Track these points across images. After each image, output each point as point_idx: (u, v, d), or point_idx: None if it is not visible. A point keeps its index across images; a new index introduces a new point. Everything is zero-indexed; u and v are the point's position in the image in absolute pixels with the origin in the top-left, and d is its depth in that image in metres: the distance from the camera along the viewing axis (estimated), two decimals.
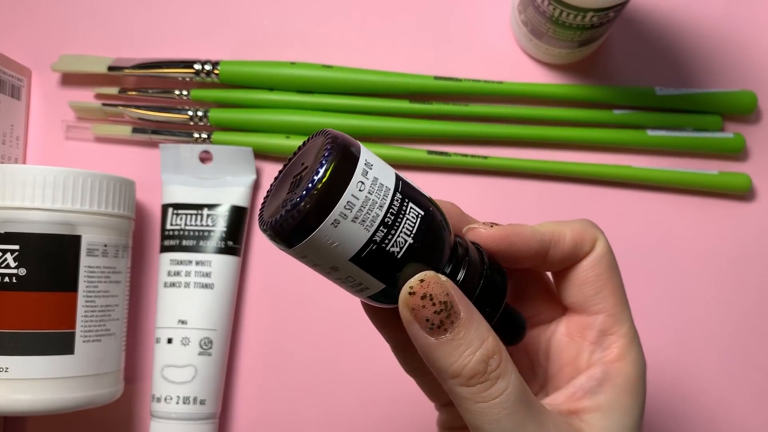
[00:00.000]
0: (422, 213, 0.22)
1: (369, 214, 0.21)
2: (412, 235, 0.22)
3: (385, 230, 0.21)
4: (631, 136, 0.42)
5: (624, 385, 0.26)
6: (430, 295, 0.22)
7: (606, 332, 0.27)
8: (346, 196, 0.21)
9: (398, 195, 0.22)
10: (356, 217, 0.21)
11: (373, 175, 0.21)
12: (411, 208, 0.22)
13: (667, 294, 0.42)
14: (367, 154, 0.22)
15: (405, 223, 0.22)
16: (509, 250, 0.26)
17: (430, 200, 0.24)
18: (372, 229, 0.21)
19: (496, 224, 0.26)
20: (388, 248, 0.22)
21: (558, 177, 0.43)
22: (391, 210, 0.22)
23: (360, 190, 0.21)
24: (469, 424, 0.23)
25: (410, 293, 0.22)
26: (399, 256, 0.22)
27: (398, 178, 0.23)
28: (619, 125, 0.42)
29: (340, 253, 0.21)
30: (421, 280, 0.22)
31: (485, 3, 0.44)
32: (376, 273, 0.22)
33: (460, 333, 0.22)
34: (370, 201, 0.21)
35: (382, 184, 0.22)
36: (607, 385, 0.26)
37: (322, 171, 0.21)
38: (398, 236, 0.22)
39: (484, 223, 0.26)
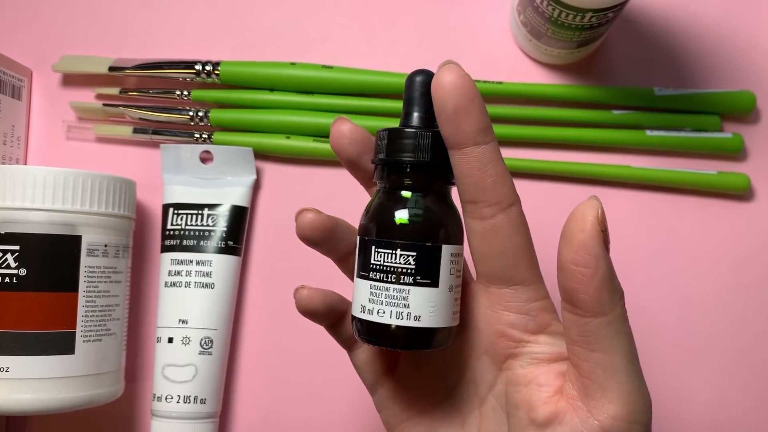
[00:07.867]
0: None
1: None
2: None
3: None
4: (630, 136, 0.42)
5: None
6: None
7: (531, 300, 0.28)
8: None
9: None
10: None
11: None
12: None
13: (665, 294, 0.42)
14: None
15: None
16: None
17: None
18: None
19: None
20: None
21: (557, 177, 0.43)
22: None
23: None
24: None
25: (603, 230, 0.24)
26: None
27: None
28: (618, 125, 0.42)
29: None
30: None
31: (485, 4, 0.44)
32: None
33: None
34: None
35: None
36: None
37: None
38: None
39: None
